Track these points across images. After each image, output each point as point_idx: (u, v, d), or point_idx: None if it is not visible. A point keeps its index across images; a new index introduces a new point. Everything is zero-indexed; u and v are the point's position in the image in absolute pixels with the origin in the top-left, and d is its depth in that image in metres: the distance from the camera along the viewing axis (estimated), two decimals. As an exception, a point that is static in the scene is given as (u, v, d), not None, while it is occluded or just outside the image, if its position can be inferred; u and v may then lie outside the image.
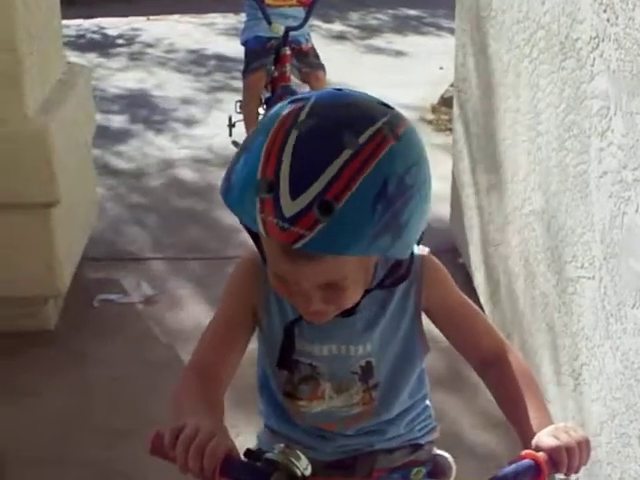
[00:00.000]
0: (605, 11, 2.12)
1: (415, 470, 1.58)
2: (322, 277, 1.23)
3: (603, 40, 2.14)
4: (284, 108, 1.20)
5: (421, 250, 1.40)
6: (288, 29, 4.82)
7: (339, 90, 1.23)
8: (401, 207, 1.17)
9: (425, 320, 1.44)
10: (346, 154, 1.13)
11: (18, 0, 3.07)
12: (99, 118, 5.64)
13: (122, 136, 5.77)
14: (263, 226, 1.15)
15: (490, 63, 3.27)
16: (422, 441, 1.60)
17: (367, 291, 1.33)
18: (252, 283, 1.43)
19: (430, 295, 1.42)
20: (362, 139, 1.14)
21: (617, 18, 2.05)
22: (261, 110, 5.24)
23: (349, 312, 1.34)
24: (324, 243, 1.14)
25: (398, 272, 1.35)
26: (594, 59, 2.20)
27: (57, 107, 3.31)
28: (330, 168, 1.12)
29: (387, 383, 1.47)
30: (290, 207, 1.13)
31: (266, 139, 1.16)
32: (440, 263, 1.44)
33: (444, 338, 1.46)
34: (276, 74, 4.94)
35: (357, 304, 1.33)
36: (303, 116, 1.16)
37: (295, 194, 1.12)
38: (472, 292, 3.49)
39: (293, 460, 1.20)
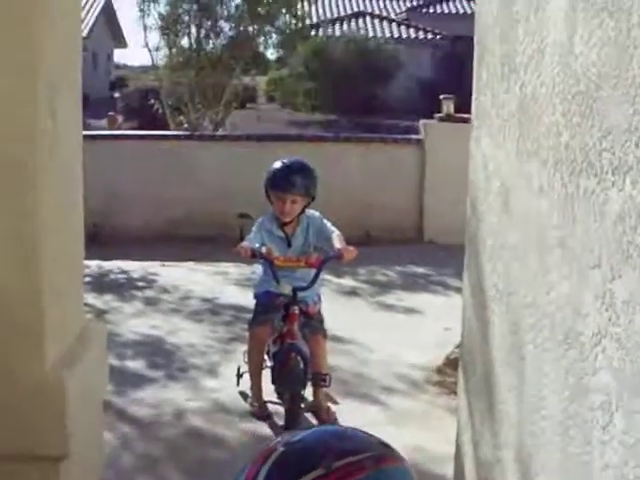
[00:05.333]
0: (607, 310, 2.23)
1: None
2: None
3: (605, 337, 2.24)
4: None
5: None
6: (296, 289, 5.01)
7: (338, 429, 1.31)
8: None
9: None
10: (315, 473, 1.18)
11: (45, 262, 3.20)
12: (115, 363, 5.76)
13: (137, 383, 5.84)
14: None
15: (495, 341, 3.37)
16: None
17: None
18: None
19: None
20: (338, 464, 1.19)
21: (618, 319, 2.16)
22: (268, 362, 5.35)
23: None
24: None
25: None
26: (597, 354, 2.29)
27: (75, 363, 3.39)
28: None
29: None
30: None
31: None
32: None
33: None
34: (284, 330, 5.09)
35: None
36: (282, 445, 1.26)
37: None
38: None
39: None
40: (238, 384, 5.53)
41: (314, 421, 5.19)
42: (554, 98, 2.51)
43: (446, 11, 40.91)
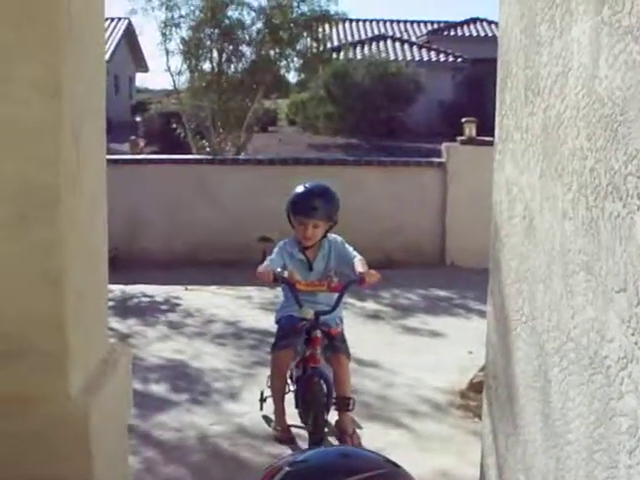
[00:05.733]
0: (633, 334, 2.22)
1: None
2: None
3: (632, 361, 2.23)
4: None
5: None
6: (318, 313, 4.99)
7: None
8: None
9: None
10: None
11: (69, 288, 3.22)
12: (139, 387, 5.78)
13: (161, 406, 5.85)
14: None
15: (520, 365, 3.35)
16: None
17: None
18: None
19: None
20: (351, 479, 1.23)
21: (644, 344, 2.15)
22: (291, 387, 5.35)
23: None
24: None
25: None
26: (623, 378, 2.28)
27: (99, 388, 3.41)
28: None
29: None
30: None
31: None
32: None
33: None
34: (307, 354, 5.08)
35: None
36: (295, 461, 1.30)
37: None
38: None
39: None
40: (261, 408, 5.52)
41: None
42: (578, 121, 2.51)
43: (467, 34, 41.07)
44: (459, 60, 37.29)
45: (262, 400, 5.50)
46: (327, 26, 18.79)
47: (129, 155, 16.70)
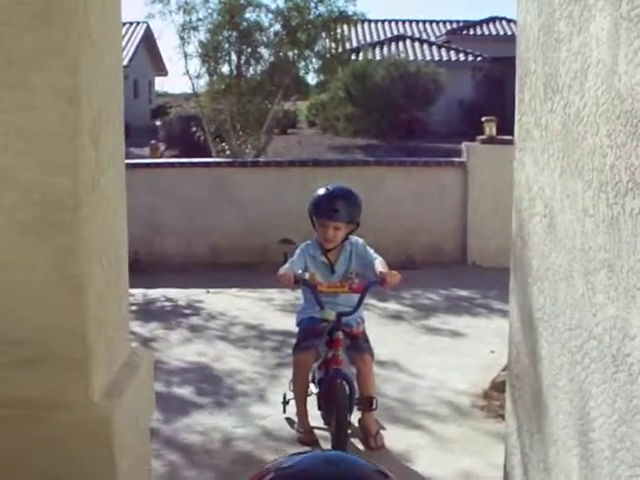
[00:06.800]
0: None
1: None
2: None
3: (654, 359, 2.22)
4: None
5: None
6: (340, 314, 4.99)
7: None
8: None
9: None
10: None
11: (90, 294, 3.22)
12: (162, 390, 5.78)
13: (184, 410, 5.86)
14: None
15: (543, 364, 3.34)
16: None
17: None
18: None
19: None
20: None
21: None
22: (314, 389, 5.34)
23: None
24: None
25: None
26: (646, 377, 2.27)
27: (121, 392, 3.40)
28: None
29: None
30: None
31: None
32: None
33: None
34: (329, 356, 5.07)
35: None
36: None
37: None
38: None
39: None
40: (284, 411, 5.52)
41: (360, 446, 5.18)
42: (598, 118, 2.49)
43: (486, 33, 41.01)
44: (478, 59, 37.24)
45: (285, 402, 5.50)
46: (346, 27, 18.80)
47: (149, 159, 16.74)
